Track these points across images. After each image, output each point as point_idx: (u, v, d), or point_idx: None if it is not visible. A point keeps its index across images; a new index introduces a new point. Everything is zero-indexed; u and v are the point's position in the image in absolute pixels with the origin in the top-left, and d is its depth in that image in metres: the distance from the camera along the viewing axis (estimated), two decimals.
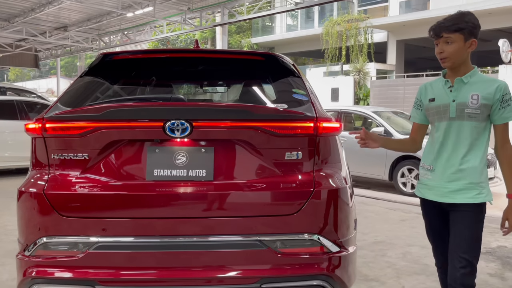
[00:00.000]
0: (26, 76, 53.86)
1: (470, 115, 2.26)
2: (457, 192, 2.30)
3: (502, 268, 3.91)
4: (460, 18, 2.26)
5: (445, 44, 2.27)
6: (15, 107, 9.02)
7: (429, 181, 2.41)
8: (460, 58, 2.28)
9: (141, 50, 2.84)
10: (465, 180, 2.29)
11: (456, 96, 2.30)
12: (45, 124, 2.33)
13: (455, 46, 2.25)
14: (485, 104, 2.25)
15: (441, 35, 2.27)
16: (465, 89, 2.29)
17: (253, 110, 2.36)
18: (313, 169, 2.38)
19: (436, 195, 2.38)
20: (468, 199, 2.28)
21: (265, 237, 2.28)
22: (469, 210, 2.29)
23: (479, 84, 2.28)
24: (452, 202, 2.31)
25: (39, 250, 2.29)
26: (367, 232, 5.04)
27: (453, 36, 2.24)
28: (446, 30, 2.25)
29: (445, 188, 2.33)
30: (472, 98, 2.26)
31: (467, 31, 2.24)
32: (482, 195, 2.29)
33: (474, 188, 2.28)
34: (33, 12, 17.48)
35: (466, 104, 2.27)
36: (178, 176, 2.29)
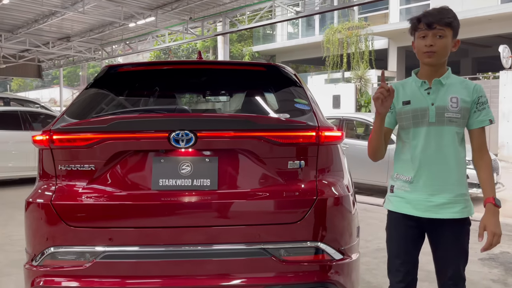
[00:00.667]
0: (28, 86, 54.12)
1: (451, 120, 2.08)
2: (441, 207, 2.09)
3: (505, 274, 3.92)
4: (449, 12, 2.09)
5: (435, 37, 2.06)
6: (19, 118, 9.09)
7: (407, 194, 2.16)
8: (446, 56, 2.12)
9: (145, 62, 2.89)
10: (450, 193, 2.09)
11: (435, 99, 2.10)
12: (52, 136, 2.37)
13: (446, 41, 2.07)
14: (465, 108, 2.09)
15: (433, 26, 2.05)
16: (443, 91, 2.11)
17: (256, 120, 2.41)
18: (315, 178, 2.42)
19: (416, 209, 2.13)
20: (454, 214, 2.09)
21: (269, 245, 2.31)
22: (456, 224, 2.11)
23: (455, 86, 2.12)
24: (435, 217, 2.10)
25: (47, 260, 2.33)
26: (370, 239, 5.05)
27: (445, 30, 2.06)
28: (439, 22, 2.05)
29: (429, 202, 2.10)
30: (452, 101, 2.08)
31: (456, 28, 2.11)
32: (467, 209, 2.12)
33: (460, 201, 2.10)
34: (36, 23, 17.64)
35: (445, 107, 2.08)
36: (183, 185, 2.33)
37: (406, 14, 21.42)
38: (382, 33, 20.80)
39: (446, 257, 2.16)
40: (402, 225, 2.21)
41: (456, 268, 2.15)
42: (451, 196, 2.09)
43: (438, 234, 2.16)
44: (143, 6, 15.71)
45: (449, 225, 2.11)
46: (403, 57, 21.38)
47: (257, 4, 15.25)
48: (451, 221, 2.10)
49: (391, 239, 2.27)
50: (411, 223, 2.18)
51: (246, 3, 15.22)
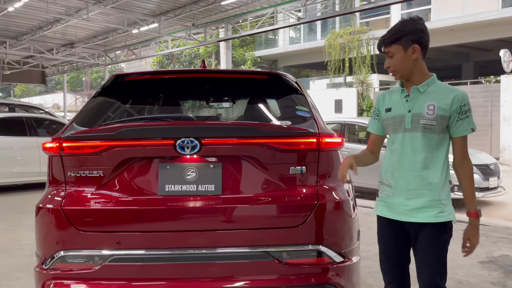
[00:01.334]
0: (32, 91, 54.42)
1: (426, 127, 2.12)
2: (417, 211, 2.14)
3: (504, 276, 3.97)
4: (397, 27, 2.15)
5: (388, 58, 2.18)
6: (24, 124, 9.19)
7: (388, 198, 2.25)
8: (407, 68, 2.16)
9: (151, 71, 2.98)
10: (425, 198, 2.13)
11: (412, 106, 2.16)
12: (62, 144, 2.46)
13: (397, 57, 2.14)
14: (442, 115, 2.10)
15: (382, 50, 2.19)
16: (421, 99, 2.15)
17: (259, 127, 2.49)
18: (316, 183, 2.50)
19: (396, 213, 2.21)
20: (429, 218, 2.13)
21: (271, 248, 2.38)
22: (432, 230, 2.15)
23: (436, 93, 2.14)
24: (412, 221, 2.16)
25: (57, 263, 2.41)
26: (371, 243, 5.09)
27: (391, 50, 2.15)
28: (383, 44, 2.18)
29: (405, 205, 2.17)
30: (428, 108, 2.12)
31: (405, 40, 2.12)
32: (444, 214, 2.14)
33: (435, 206, 2.13)
34: (40, 30, 17.83)
35: (421, 114, 2.12)
36: (188, 191, 2.41)
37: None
38: None
39: (420, 263, 2.21)
40: (387, 229, 2.31)
41: (430, 275, 2.17)
42: (426, 200, 2.14)
43: (416, 238, 2.21)
44: (146, 13, 15.86)
45: (426, 230, 2.16)
46: None
47: (259, 11, 15.37)
48: (428, 226, 2.15)
49: (379, 242, 2.40)
50: (395, 227, 2.26)
51: (248, 10, 15.35)
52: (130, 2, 14.43)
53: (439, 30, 16.91)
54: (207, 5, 14.55)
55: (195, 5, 14.79)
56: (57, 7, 14.79)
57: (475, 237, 2.18)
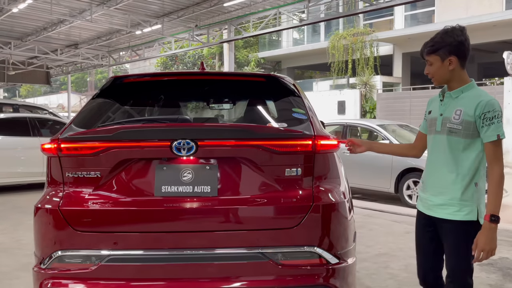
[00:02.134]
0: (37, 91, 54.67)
1: (451, 130, 2.27)
2: (439, 207, 2.34)
3: (502, 279, 3.97)
4: (437, 39, 2.30)
5: (428, 66, 2.36)
6: (28, 124, 9.25)
7: (421, 192, 2.50)
8: (444, 77, 2.32)
9: (149, 73, 3.00)
10: (446, 196, 2.30)
11: (444, 110, 2.34)
12: (60, 145, 2.49)
13: (434, 67, 2.32)
14: (467, 121, 2.23)
15: (423, 58, 2.37)
16: (452, 104, 2.31)
17: (255, 129, 2.51)
18: (312, 185, 2.51)
19: (424, 207, 2.45)
20: (447, 214, 2.30)
21: (266, 249, 2.39)
22: (453, 227, 2.29)
23: (466, 99, 2.27)
24: (434, 216, 2.36)
25: (55, 263, 2.43)
26: (371, 244, 5.12)
27: (430, 59, 2.32)
28: (424, 53, 2.35)
29: (430, 201, 2.39)
30: (455, 113, 2.27)
31: (443, 51, 2.27)
32: (462, 213, 2.26)
33: (453, 204, 2.28)
34: (45, 31, 17.94)
35: (449, 118, 2.29)
36: (184, 192, 2.43)
37: (411, 20, 21.51)
38: (387, 39, 20.89)
39: (446, 255, 2.37)
40: (420, 223, 2.52)
41: (453, 267, 2.32)
42: (447, 198, 2.30)
43: (441, 233, 2.38)
44: (149, 14, 15.93)
45: (451, 226, 2.30)
46: (408, 63, 21.44)
47: (262, 12, 15.40)
48: (453, 222, 2.29)
49: (415, 235, 2.57)
50: (426, 221, 2.45)
51: (251, 11, 15.38)
52: (134, 4, 14.50)
53: None
54: (210, 7, 14.60)
55: (198, 7, 14.85)
56: (60, 8, 14.88)
57: (482, 240, 2.18)
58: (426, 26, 19.39)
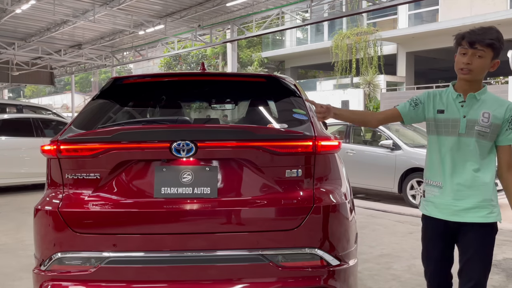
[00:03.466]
0: (41, 92, 54.87)
1: (480, 133, 2.18)
2: (468, 211, 2.20)
3: (506, 280, 3.94)
4: (494, 33, 2.15)
5: (474, 56, 2.14)
6: (31, 125, 9.28)
7: (436, 198, 2.30)
8: (482, 75, 2.21)
9: (149, 74, 2.99)
10: (476, 198, 2.19)
11: (468, 112, 2.21)
12: (60, 146, 2.48)
13: (484, 61, 2.15)
14: (495, 124, 2.18)
15: (475, 46, 2.13)
16: (476, 106, 2.21)
17: (255, 130, 2.50)
18: (312, 186, 2.49)
19: (444, 213, 2.26)
20: (480, 218, 2.18)
21: (267, 251, 2.38)
22: (481, 229, 2.20)
23: (490, 102, 2.21)
24: (462, 221, 2.21)
25: (54, 265, 2.43)
26: (374, 245, 5.09)
27: (485, 51, 2.13)
28: (481, 42, 2.12)
29: (455, 206, 2.22)
30: (483, 116, 2.18)
31: (497, 52, 2.17)
32: (494, 215, 2.20)
33: (485, 206, 2.19)
34: (48, 32, 17.99)
35: (476, 121, 2.19)
36: (184, 193, 2.42)
37: (414, 19, 21.43)
38: (390, 38, 20.82)
39: (470, 259, 2.24)
40: (433, 229, 2.35)
41: (478, 270, 2.22)
42: (477, 201, 2.19)
43: (464, 237, 2.26)
44: (152, 15, 15.94)
45: (475, 229, 2.21)
46: (412, 62, 21.35)
47: (265, 12, 15.38)
48: (477, 225, 2.20)
49: (423, 241, 2.42)
50: (440, 228, 2.31)
51: (254, 11, 15.36)
52: (136, 4, 14.51)
53: (447, 31, 16.79)
54: (213, 7, 14.59)
55: (201, 7, 14.84)
56: (63, 9, 14.91)
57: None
58: (430, 25, 19.32)
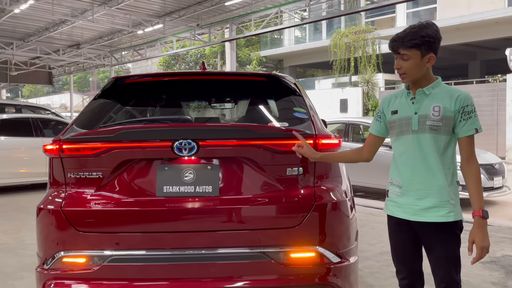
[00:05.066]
0: (40, 92, 54.79)
1: (432, 128, 2.15)
2: (427, 210, 2.17)
3: (505, 277, 3.96)
4: (417, 32, 2.13)
5: (402, 60, 2.17)
6: (31, 124, 9.28)
7: (398, 198, 2.27)
8: (419, 74, 2.18)
9: (150, 74, 3.01)
10: (434, 198, 2.16)
11: (418, 108, 2.19)
12: (62, 145, 2.50)
13: (412, 62, 2.15)
14: (447, 116, 2.14)
15: (398, 51, 2.17)
16: (427, 100, 2.19)
17: (256, 129, 2.51)
18: (313, 184, 2.51)
19: (405, 213, 2.24)
20: (439, 217, 2.16)
21: (268, 249, 2.40)
22: (442, 229, 2.18)
23: (441, 95, 2.18)
24: (422, 220, 2.19)
25: (57, 264, 2.44)
26: (374, 243, 5.12)
27: (409, 53, 2.13)
28: (402, 46, 2.14)
29: (416, 205, 2.20)
30: (434, 110, 2.15)
31: (424, 47, 2.13)
32: (453, 213, 2.16)
33: (445, 206, 2.16)
34: (47, 31, 17.98)
35: (427, 116, 2.16)
36: (186, 192, 2.44)
37: (413, 18, 21.44)
38: (389, 37, 20.51)
39: (436, 260, 2.24)
40: (397, 229, 2.34)
41: (447, 271, 2.21)
42: (436, 200, 2.16)
43: (428, 238, 2.24)
44: (151, 14, 15.94)
45: (437, 229, 2.18)
46: None
47: (263, 11, 15.39)
48: (439, 224, 2.17)
49: (393, 243, 2.41)
50: (404, 227, 2.29)
51: (252, 10, 15.37)
52: (135, 3, 14.51)
53: (445, 29, 16.80)
54: (211, 6, 14.60)
55: (199, 6, 14.84)
56: (62, 9, 14.90)
57: (480, 238, 2.09)
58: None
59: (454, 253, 2.21)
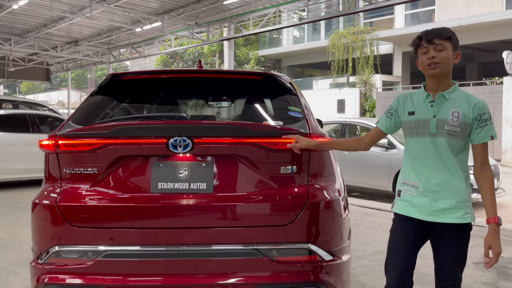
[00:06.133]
0: (37, 88, 54.67)
1: (450, 133, 2.20)
2: (444, 211, 2.21)
3: (497, 277, 4.00)
4: (447, 29, 2.25)
5: (436, 51, 2.20)
6: (28, 121, 9.28)
7: (413, 198, 2.30)
8: (449, 67, 2.23)
9: (147, 71, 3.03)
10: (452, 199, 2.21)
11: (437, 111, 2.23)
12: (58, 141, 2.51)
13: (446, 53, 2.20)
14: (465, 123, 2.19)
15: (433, 41, 2.20)
16: (446, 105, 2.23)
17: (250, 127, 2.53)
18: (307, 182, 2.53)
19: (421, 213, 2.26)
20: (456, 219, 2.21)
21: (261, 246, 2.42)
22: (456, 230, 2.23)
23: (460, 101, 2.23)
24: (438, 221, 2.23)
25: (52, 258, 2.45)
26: (368, 242, 5.15)
27: (445, 43, 2.19)
28: (439, 36, 2.20)
29: (432, 206, 2.23)
30: (453, 115, 2.20)
31: (455, 43, 2.23)
32: (469, 215, 2.22)
33: (461, 207, 2.21)
34: (45, 28, 17.95)
35: (446, 120, 2.20)
36: (180, 189, 2.46)
37: (411, 19, 21.51)
38: (387, 38, 20.89)
39: (446, 259, 2.29)
40: (406, 226, 2.35)
41: (454, 269, 2.28)
42: (453, 202, 2.21)
43: (440, 237, 2.29)
44: (149, 12, 15.93)
45: (451, 229, 2.23)
46: (408, 62, 21.44)
47: (262, 10, 15.40)
48: (453, 225, 2.22)
49: (393, 237, 2.41)
50: (414, 226, 2.31)
51: (251, 9, 15.38)
52: (134, 1, 14.51)
53: None
54: (210, 4, 14.61)
55: (198, 4, 14.85)
56: (61, 5, 14.89)
57: (497, 244, 2.13)
58: (427, 25, 19.30)
59: (463, 252, 2.28)
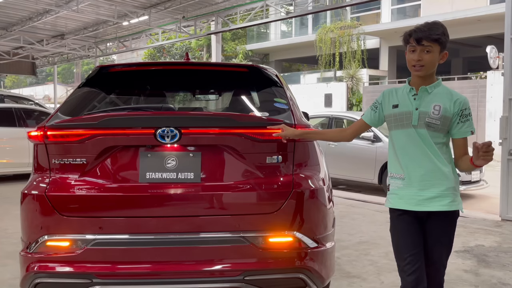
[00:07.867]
0: (22, 82, 53.92)
1: (429, 125, 2.26)
2: (431, 200, 2.27)
3: (477, 265, 4.13)
4: (438, 28, 2.24)
5: (423, 52, 2.23)
6: (14, 115, 9.21)
7: (400, 190, 2.35)
8: (433, 68, 2.28)
9: (135, 63, 3.06)
10: (439, 187, 2.26)
11: (419, 104, 2.29)
12: (47, 132, 2.54)
13: (432, 55, 2.23)
14: (445, 116, 2.25)
15: (422, 42, 2.22)
16: (428, 98, 2.29)
17: (237, 118, 2.59)
18: (292, 171, 2.60)
19: (408, 204, 2.32)
20: (443, 206, 2.26)
21: (248, 233, 2.49)
22: (444, 217, 2.29)
23: (442, 95, 2.29)
24: (426, 210, 2.27)
25: (41, 248, 2.49)
26: (353, 233, 5.25)
27: (433, 46, 2.21)
28: (427, 38, 2.21)
29: (419, 196, 2.28)
30: (434, 108, 2.26)
31: (444, 45, 2.25)
32: (455, 203, 2.29)
33: (448, 195, 2.27)
34: (30, 21, 17.69)
35: (427, 113, 2.26)
36: (168, 178, 2.51)
37: (397, 14, 21.68)
38: (373, 32, 21.04)
39: (433, 245, 2.34)
40: (404, 221, 2.37)
41: (440, 255, 2.36)
42: (440, 190, 2.27)
43: (429, 224, 2.34)
44: (136, 5, 15.80)
45: (438, 217, 2.30)
46: (394, 56, 21.63)
47: (249, 4, 15.39)
48: (440, 213, 2.28)
49: (397, 235, 2.40)
50: (409, 218, 2.34)
51: (238, 3, 15.35)
52: None
53: None
54: None
55: None
56: None
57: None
58: (412, 20, 19.53)
59: (450, 240, 2.36)
